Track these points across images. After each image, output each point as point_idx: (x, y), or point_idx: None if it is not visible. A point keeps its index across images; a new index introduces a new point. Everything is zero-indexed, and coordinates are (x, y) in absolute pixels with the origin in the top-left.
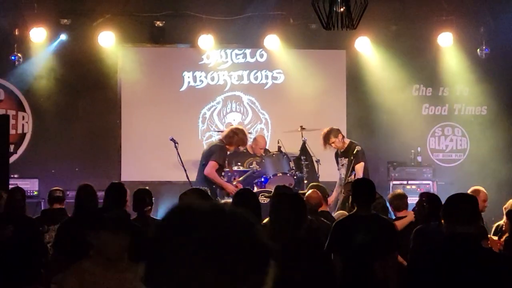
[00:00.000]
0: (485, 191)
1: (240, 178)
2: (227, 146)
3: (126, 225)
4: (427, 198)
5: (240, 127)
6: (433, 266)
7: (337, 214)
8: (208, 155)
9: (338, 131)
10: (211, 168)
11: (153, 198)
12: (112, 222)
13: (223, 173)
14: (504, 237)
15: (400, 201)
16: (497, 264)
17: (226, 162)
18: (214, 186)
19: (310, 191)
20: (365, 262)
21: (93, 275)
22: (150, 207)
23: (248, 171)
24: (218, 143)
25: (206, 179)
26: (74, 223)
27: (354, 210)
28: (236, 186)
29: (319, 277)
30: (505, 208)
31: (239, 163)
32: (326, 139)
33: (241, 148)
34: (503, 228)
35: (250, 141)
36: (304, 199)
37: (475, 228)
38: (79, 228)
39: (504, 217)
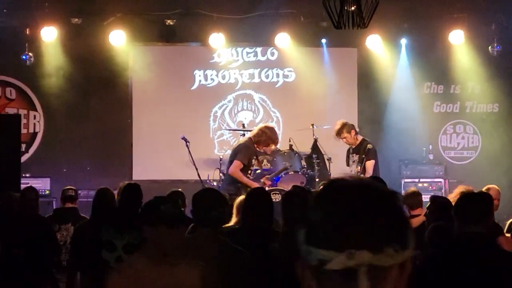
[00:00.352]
0: (497, 188)
1: (271, 175)
2: (255, 145)
3: (182, 220)
4: (433, 205)
5: (270, 125)
6: (442, 265)
7: None
8: (234, 154)
9: (351, 127)
10: (235, 168)
11: (185, 200)
12: (169, 217)
13: (250, 171)
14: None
15: (414, 199)
16: (507, 263)
17: (255, 160)
18: (239, 185)
19: None
20: None
21: (146, 270)
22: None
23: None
24: (246, 142)
25: (231, 178)
26: (91, 225)
27: None
28: (264, 184)
29: None
30: None
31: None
32: (339, 133)
33: (272, 147)
34: None
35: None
36: None
37: (485, 227)
38: (95, 230)
39: None
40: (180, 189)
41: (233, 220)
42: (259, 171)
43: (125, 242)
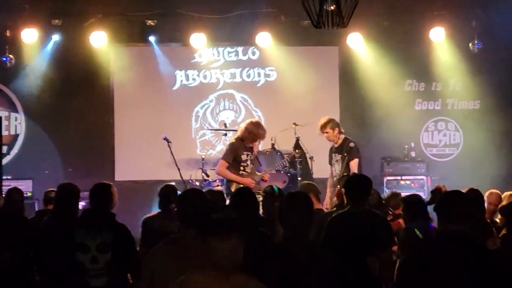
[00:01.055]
0: (497, 193)
1: (271, 168)
2: (244, 142)
3: (239, 227)
4: (405, 205)
5: (255, 120)
6: (423, 263)
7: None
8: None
9: (336, 125)
10: (218, 167)
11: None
12: (222, 226)
13: (242, 167)
14: (501, 233)
15: (395, 199)
16: (491, 262)
17: (248, 156)
18: (229, 183)
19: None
20: (359, 258)
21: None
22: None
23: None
24: (231, 140)
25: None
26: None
27: (348, 206)
28: (263, 178)
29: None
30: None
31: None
32: (323, 127)
33: (257, 142)
34: (499, 224)
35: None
36: None
37: (469, 226)
38: (68, 232)
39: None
40: (173, 183)
41: None
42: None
43: (99, 242)
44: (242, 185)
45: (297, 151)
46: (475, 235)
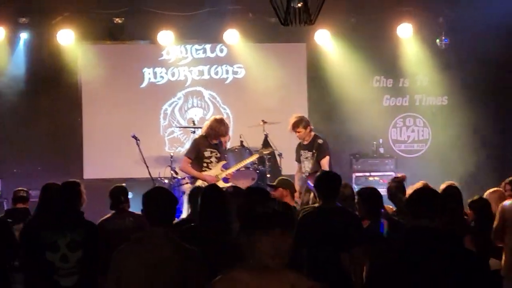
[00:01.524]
0: (501, 190)
1: (240, 164)
2: (208, 139)
3: (285, 221)
4: (361, 198)
5: (219, 117)
6: (392, 258)
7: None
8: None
9: (308, 123)
10: (182, 164)
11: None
12: (265, 219)
13: (205, 163)
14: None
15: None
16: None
17: (213, 153)
18: (193, 179)
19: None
20: (330, 256)
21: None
22: (126, 204)
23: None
24: (195, 137)
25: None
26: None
27: (320, 203)
28: (227, 175)
29: None
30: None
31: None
32: (295, 126)
33: (224, 139)
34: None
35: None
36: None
37: (439, 222)
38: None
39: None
40: (123, 184)
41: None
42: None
43: (69, 241)
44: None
45: (265, 149)
46: (451, 230)
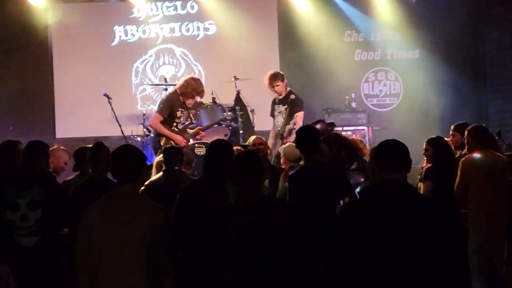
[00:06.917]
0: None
1: (205, 126)
2: (181, 97)
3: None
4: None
5: (196, 77)
6: (362, 212)
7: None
8: (157, 106)
9: (284, 76)
10: (153, 120)
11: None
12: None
13: (175, 123)
14: (425, 166)
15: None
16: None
17: (183, 112)
18: (159, 137)
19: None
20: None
21: None
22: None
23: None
24: (169, 94)
25: (155, 130)
26: None
27: (303, 161)
28: (199, 134)
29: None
30: None
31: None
32: (272, 80)
33: (198, 99)
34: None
35: None
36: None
37: (405, 174)
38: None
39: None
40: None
41: (154, 176)
42: (192, 124)
43: (29, 200)
44: (172, 141)
45: (226, 114)
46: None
